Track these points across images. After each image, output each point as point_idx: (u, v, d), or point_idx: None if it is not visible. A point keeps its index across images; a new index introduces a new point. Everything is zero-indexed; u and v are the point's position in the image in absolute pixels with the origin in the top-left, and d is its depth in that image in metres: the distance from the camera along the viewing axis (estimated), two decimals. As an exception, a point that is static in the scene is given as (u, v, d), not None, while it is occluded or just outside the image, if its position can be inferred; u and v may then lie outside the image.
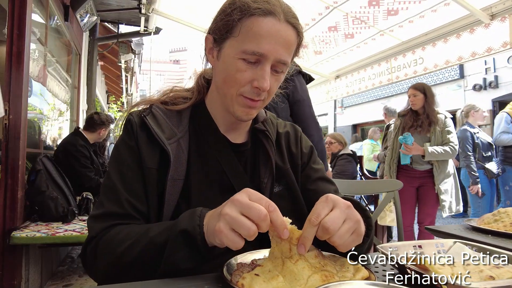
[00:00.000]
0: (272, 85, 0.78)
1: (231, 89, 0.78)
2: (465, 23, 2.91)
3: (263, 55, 0.73)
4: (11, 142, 2.20)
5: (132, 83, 9.26)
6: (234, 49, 0.75)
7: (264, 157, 0.88)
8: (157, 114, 0.82)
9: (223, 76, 0.79)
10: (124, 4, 4.64)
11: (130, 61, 7.03)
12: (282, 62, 0.76)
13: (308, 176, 0.96)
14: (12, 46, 2.22)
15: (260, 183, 0.86)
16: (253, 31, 0.73)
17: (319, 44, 3.84)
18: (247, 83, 0.76)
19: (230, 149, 0.86)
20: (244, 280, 0.55)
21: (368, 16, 3.19)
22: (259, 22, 0.73)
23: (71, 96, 4.51)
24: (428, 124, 3.05)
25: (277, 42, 0.73)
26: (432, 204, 3.09)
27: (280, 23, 0.74)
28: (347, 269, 0.60)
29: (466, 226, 1.21)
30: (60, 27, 3.82)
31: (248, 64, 0.75)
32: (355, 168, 3.53)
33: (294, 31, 0.77)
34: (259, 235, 0.57)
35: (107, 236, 0.71)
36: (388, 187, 1.90)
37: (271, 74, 0.77)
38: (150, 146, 0.79)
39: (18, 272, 2.24)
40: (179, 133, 0.82)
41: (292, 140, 0.98)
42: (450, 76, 9.53)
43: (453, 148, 2.96)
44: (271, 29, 0.73)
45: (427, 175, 3.10)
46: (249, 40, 0.73)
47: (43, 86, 3.24)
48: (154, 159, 0.78)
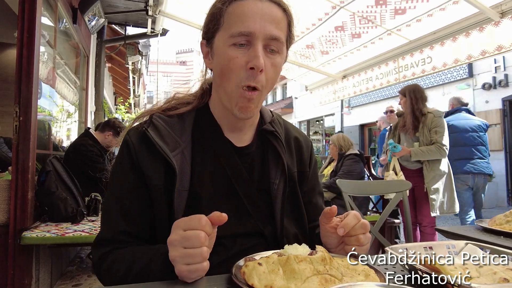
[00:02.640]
0: (269, 68, 0.75)
1: (228, 81, 0.76)
2: (474, 21, 2.86)
3: (251, 34, 0.72)
4: (21, 143, 2.23)
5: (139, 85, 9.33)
6: (222, 38, 0.75)
7: (274, 158, 0.87)
8: (158, 125, 0.80)
9: (219, 70, 0.77)
10: (131, 6, 4.68)
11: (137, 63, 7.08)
12: (273, 37, 0.73)
13: (313, 189, 0.97)
14: (23, 49, 2.25)
15: (270, 185, 0.84)
16: (236, 13, 0.73)
17: (325, 44, 3.81)
18: (242, 68, 0.73)
19: (233, 152, 0.84)
20: (247, 268, 0.55)
21: (375, 15, 3.17)
22: (242, 5, 0.73)
23: (80, 98, 4.56)
24: (412, 124, 3.09)
25: (263, 19, 0.73)
26: (425, 205, 3.07)
27: (262, 2, 0.74)
28: (358, 274, 0.59)
29: (477, 227, 1.19)
30: (68, 30, 3.87)
31: (239, 49, 0.73)
32: (362, 168, 3.50)
33: (279, 8, 0.76)
34: None
35: (105, 266, 0.74)
36: (397, 188, 1.88)
37: (266, 55, 0.74)
38: (153, 161, 0.77)
39: (29, 271, 2.27)
40: (183, 143, 0.80)
41: (304, 147, 0.96)
42: (458, 75, 9.41)
43: (439, 147, 2.95)
44: (254, 8, 0.73)
45: (418, 175, 3.10)
46: (234, 24, 0.73)
47: (52, 88, 3.29)
48: (159, 175, 0.77)
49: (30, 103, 2.26)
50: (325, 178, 3.63)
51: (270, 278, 0.53)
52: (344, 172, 3.37)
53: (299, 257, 0.56)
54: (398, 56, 3.67)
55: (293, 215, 0.88)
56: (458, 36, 3.00)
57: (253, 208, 0.82)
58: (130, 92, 10.13)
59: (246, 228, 0.80)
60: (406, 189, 1.86)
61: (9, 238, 2.19)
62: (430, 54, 3.30)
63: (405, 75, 3.62)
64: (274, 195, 0.84)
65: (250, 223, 0.81)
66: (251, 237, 0.81)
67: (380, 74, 3.94)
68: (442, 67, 3.22)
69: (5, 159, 3.32)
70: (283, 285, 0.53)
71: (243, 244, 0.79)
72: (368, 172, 3.75)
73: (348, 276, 0.58)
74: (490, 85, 8.61)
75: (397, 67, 3.70)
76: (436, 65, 3.26)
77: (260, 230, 0.82)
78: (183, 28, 3.89)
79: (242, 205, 0.81)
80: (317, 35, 3.63)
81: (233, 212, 0.79)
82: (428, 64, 3.34)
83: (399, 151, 3.08)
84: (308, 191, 0.95)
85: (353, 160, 3.42)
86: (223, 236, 0.73)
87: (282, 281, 0.53)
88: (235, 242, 0.78)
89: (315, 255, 0.58)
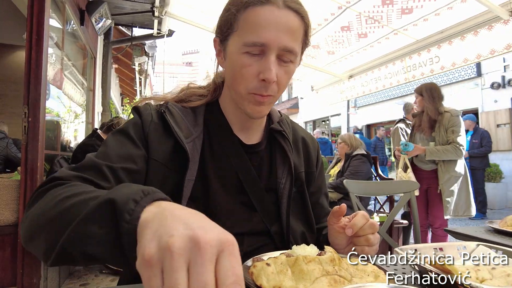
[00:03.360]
0: (281, 77, 0.74)
1: (240, 86, 0.75)
2: (483, 20, 2.82)
3: (264, 45, 0.70)
4: (30, 144, 2.26)
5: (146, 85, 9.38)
6: (236, 44, 0.73)
7: (281, 157, 0.87)
8: (174, 112, 0.80)
9: (231, 74, 0.77)
10: (137, 7, 4.71)
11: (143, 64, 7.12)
12: (287, 50, 0.71)
13: (319, 190, 0.97)
14: (31, 51, 2.28)
15: (277, 184, 0.85)
16: (251, 21, 0.70)
17: (332, 44, 3.80)
18: (254, 77, 0.72)
19: (242, 150, 0.84)
20: (255, 268, 0.55)
21: (381, 15, 3.14)
22: (257, 12, 0.70)
23: (87, 99, 4.60)
24: (429, 123, 3.02)
25: (278, 29, 0.69)
26: (437, 206, 3.01)
27: (279, 10, 0.70)
28: (367, 275, 0.59)
29: (488, 228, 1.17)
30: (76, 32, 3.91)
31: (252, 57, 0.72)
32: (369, 169, 3.47)
33: (297, 16, 0.72)
34: None
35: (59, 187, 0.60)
36: (404, 188, 1.86)
37: (279, 65, 0.73)
38: (162, 141, 0.76)
39: (37, 270, 2.30)
40: (195, 133, 0.79)
41: (311, 147, 0.97)
42: (466, 75, 9.29)
43: (456, 147, 2.87)
44: (269, 16, 0.69)
45: (432, 175, 3.04)
46: (249, 32, 0.70)
47: (59, 89, 3.32)
48: (164, 155, 0.75)
49: (39, 104, 2.29)
50: (331, 178, 3.61)
51: (279, 279, 0.53)
52: (351, 172, 3.34)
53: (308, 257, 0.56)
54: (405, 56, 3.64)
55: (300, 215, 0.88)
56: (466, 35, 2.97)
57: (260, 206, 0.82)
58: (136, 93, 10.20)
59: (252, 225, 0.80)
60: (414, 190, 1.84)
61: (18, 238, 2.22)
62: (438, 53, 3.27)
63: (414, 74, 3.59)
64: (280, 194, 0.84)
65: (256, 221, 0.81)
66: (259, 237, 0.81)
67: (388, 73, 3.90)
68: (451, 67, 3.18)
69: (14, 159, 3.36)
70: (292, 285, 0.52)
71: (251, 245, 0.79)
72: (375, 173, 3.72)
73: (358, 277, 0.57)
74: (499, 85, 8.48)
75: (404, 66, 3.67)
76: (445, 64, 3.22)
77: (266, 228, 0.82)
78: (189, 29, 3.90)
79: (249, 203, 0.81)
80: (323, 35, 3.62)
81: (240, 210, 0.80)
82: (436, 64, 3.30)
83: (412, 150, 3.00)
84: (315, 192, 0.95)
85: (360, 160, 3.39)
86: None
87: (290, 282, 0.53)
88: (243, 241, 0.78)
89: (324, 255, 0.57)
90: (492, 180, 7.50)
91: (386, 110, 12.26)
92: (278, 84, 0.74)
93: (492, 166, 7.54)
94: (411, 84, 10.53)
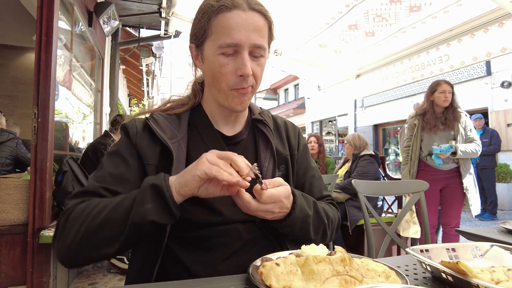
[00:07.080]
0: (255, 69, 0.84)
1: (221, 84, 0.84)
2: (493, 17, 2.77)
3: (237, 45, 0.79)
4: (39, 144, 2.29)
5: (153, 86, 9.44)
6: (212, 48, 0.83)
7: (264, 143, 0.95)
8: (158, 119, 0.89)
9: (211, 74, 0.85)
10: (144, 8, 4.74)
11: (151, 65, 7.17)
12: (257, 46, 0.82)
13: (306, 172, 1.03)
14: (41, 53, 2.31)
15: (261, 168, 0.90)
16: (223, 26, 0.80)
17: (339, 43, 3.77)
18: (232, 74, 0.82)
19: (222, 141, 0.91)
20: (264, 268, 0.55)
21: (389, 13, 3.11)
22: (226, 17, 0.80)
23: (95, 100, 4.65)
24: (453, 120, 3.01)
25: (247, 30, 0.79)
26: (458, 205, 2.99)
27: (246, 12, 0.80)
28: (378, 276, 0.58)
29: (501, 229, 1.15)
30: (84, 33, 3.95)
31: (228, 57, 0.81)
32: (377, 169, 3.43)
33: (261, 16, 0.83)
34: None
35: (79, 207, 0.74)
36: (413, 188, 1.84)
37: (251, 60, 0.83)
38: (151, 146, 0.85)
39: (46, 269, 2.32)
40: (179, 135, 0.88)
41: (291, 132, 1.04)
42: (476, 74, 9.15)
43: (478, 145, 2.94)
44: (238, 19, 0.79)
45: (452, 175, 3.01)
46: (222, 35, 0.80)
47: (68, 90, 3.35)
48: (154, 157, 0.84)
49: (48, 105, 2.31)
50: (339, 179, 3.58)
51: (288, 279, 0.52)
52: (359, 173, 3.31)
53: (318, 257, 0.55)
54: (413, 54, 3.59)
55: None
56: (476, 32, 2.92)
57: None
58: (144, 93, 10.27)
59: (247, 214, 0.81)
60: (423, 190, 1.81)
61: (28, 237, 2.24)
62: (447, 51, 3.22)
63: (423, 73, 3.54)
64: (263, 176, 0.89)
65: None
66: (249, 225, 0.87)
67: (396, 73, 3.86)
68: (460, 65, 3.13)
69: (23, 159, 3.40)
70: (302, 286, 0.51)
71: (250, 234, 0.85)
72: (383, 173, 3.68)
73: (369, 278, 0.56)
74: (510, 83, 8.34)
75: (413, 65, 3.62)
76: (454, 63, 3.17)
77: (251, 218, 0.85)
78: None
79: None
80: (330, 34, 3.59)
81: (228, 201, 0.81)
82: (445, 62, 3.25)
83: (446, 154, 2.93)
84: (302, 174, 1.02)
85: (368, 161, 3.36)
86: (222, 222, 0.82)
87: (300, 282, 0.52)
88: (240, 230, 0.84)
89: (334, 255, 0.56)
90: (503, 180, 7.38)
91: (394, 109, 12.14)
92: (254, 76, 0.84)
93: (502, 166, 7.41)
94: (419, 83, 10.44)
